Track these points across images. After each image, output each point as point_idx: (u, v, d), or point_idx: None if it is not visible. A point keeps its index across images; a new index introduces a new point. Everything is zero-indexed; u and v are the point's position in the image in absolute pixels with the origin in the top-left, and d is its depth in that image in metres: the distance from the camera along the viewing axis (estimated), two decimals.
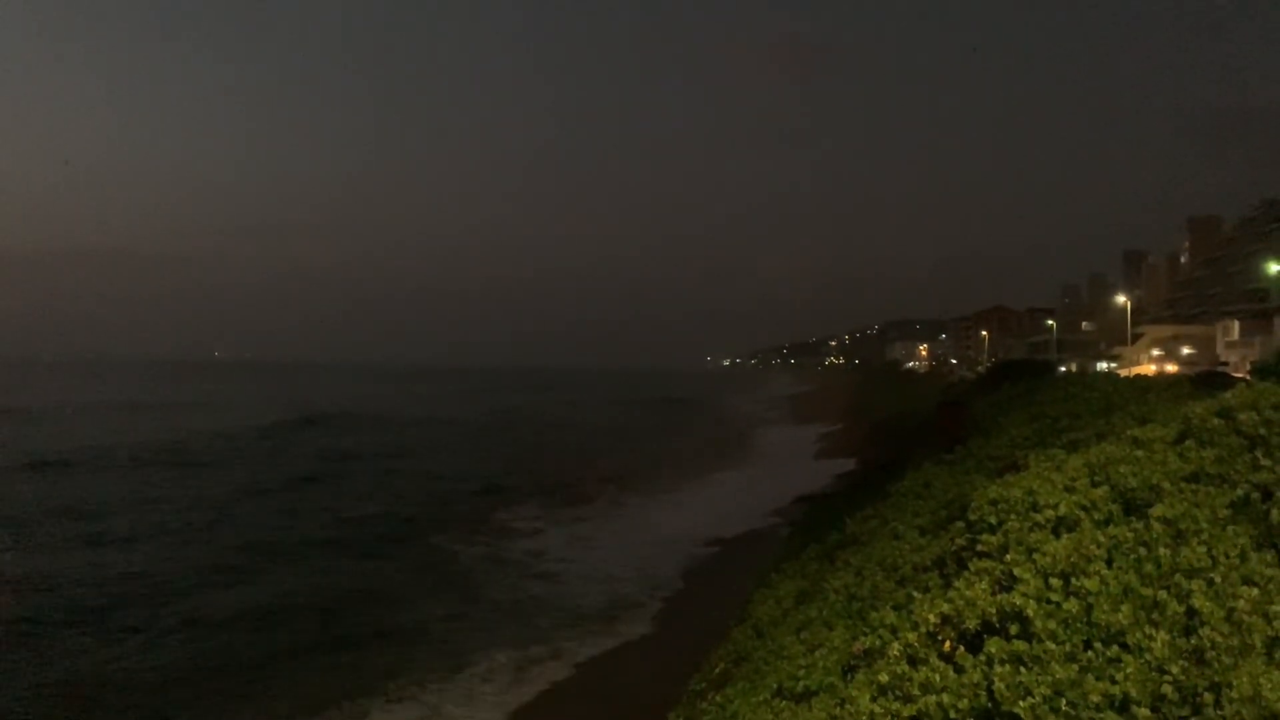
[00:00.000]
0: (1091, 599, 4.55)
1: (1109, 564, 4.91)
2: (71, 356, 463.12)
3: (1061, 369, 57.00)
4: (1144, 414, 12.97)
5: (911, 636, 5.24)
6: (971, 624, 4.96)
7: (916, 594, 6.53)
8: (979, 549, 6.08)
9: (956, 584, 5.66)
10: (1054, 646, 4.30)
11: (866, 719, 4.76)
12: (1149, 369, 69.28)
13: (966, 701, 4.29)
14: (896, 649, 5.21)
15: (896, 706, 4.65)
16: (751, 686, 8.03)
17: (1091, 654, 4.15)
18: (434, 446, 71.02)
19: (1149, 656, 3.96)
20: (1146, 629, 4.17)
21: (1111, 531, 5.28)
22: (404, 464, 58.74)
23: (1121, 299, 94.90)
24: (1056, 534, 5.61)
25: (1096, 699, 3.80)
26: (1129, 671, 3.86)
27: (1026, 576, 5.00)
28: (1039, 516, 5.94)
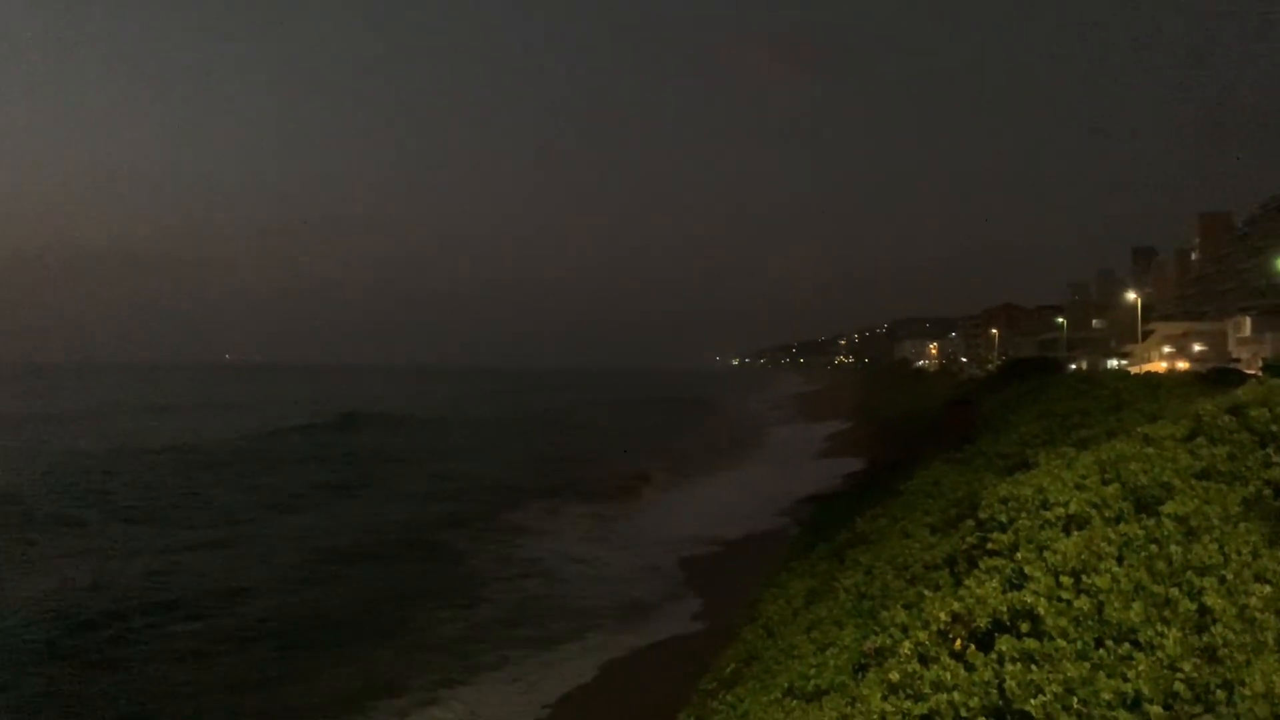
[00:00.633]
0: (1103, 596, 4.54)
1: (1120, 561, 4.90)
2: (84, 360, 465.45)
3: (1071, 367, 56.88)
4: (1154, 411, 12.93)
5: (922, 635, 5.23)
6: (982, 622, 4.95)
7: (927, 592, 6.53)
8: (989, 547, 6.07)
9: (967, 582, 5.66)
10: (1065, 644, 4.30)
11: (878, 718, 4.76)
12: (1160, 366, 69.07)
13: (978, 700, 4.29)
14: (907, 647, 5.20)
15: (908, 705, 4.65)
16: (762, 686, 8.02)
17: (1103, 652, 4.14)
18: (459, 447, 71.75)
19: (1161, 654, 3.95)
20: (1158, 626, 4.16)
21: (1123, 529, 5.27)
22: (436, 465, 59.38)
23: (1131, 296, 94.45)
24: (1067, 532, 5.60)
25: (1108, 697, 3.79)
26: (1141, 669, 3.85)
27: (1037, 574, 4.99)
28: (1049, 514, 5.93)
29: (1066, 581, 4.81)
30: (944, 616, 5.21)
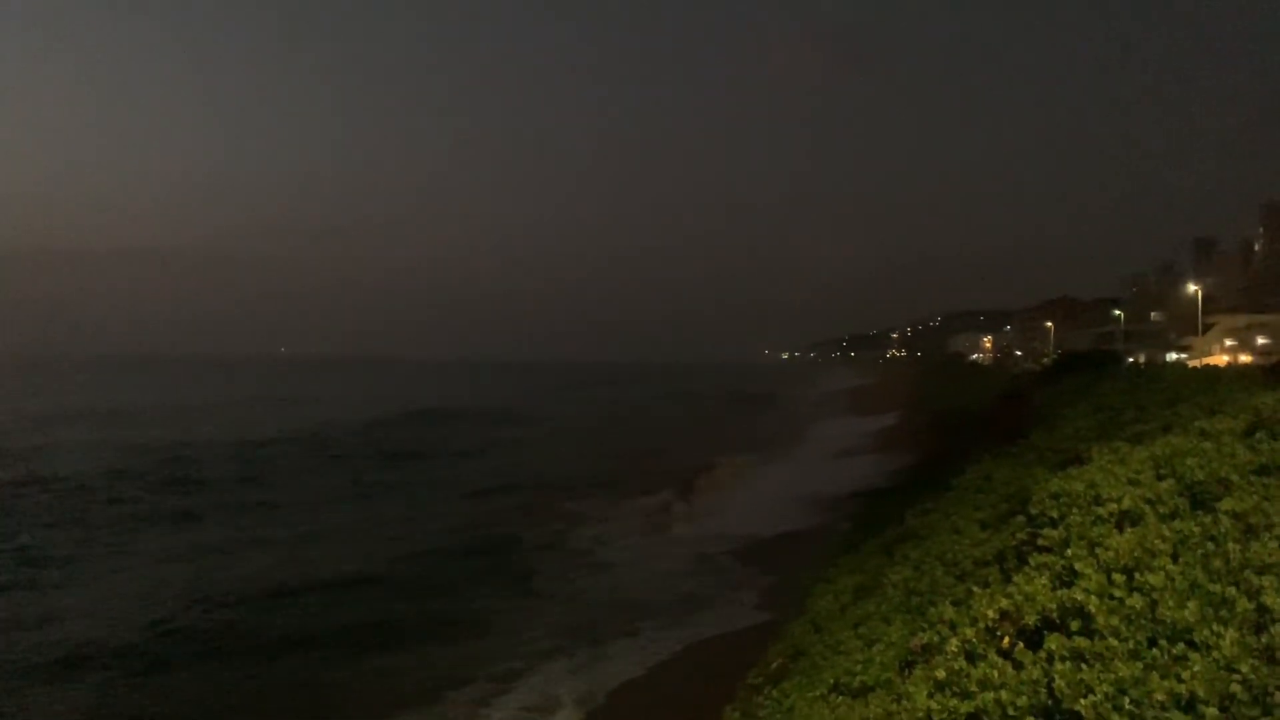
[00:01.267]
0: (1156, 595, 4.43)
1: (1175, 559, 4.78)
2: (148, 354, 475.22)
3: (1129, 360, 55.78)
4: (1212, 405, 12.62)
5: (970, 632, 5.14)
6: (1031, 620, 4.86)
7: (976, 589, 6.42)
8: (1039, 543, 5.96)
9: (1016, 579, 5.55)
10: (1117, 643, 4.19)
11: (923, 715, 4.68)
12: (1221, 359, 67.51)
13: (1026, 699, 4.20)
14: (954, 645, 5.12)
15: (954, 703, 4.57)
16: (808, 681, 7.96)
17: (1156, 651, 4.04)
18: (525, 441, 73.36)
19: (1217, 654, 3.84)
20: (1215, 626, 4.04)
21: (1177, 526, 5.14)
22: (506, 458, 61.00)
23: (1192, 288, 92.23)
24: (1120, 528, 5.48)
25: (1162, 698, 3.69)
26: (1196, 670, 3.75)
27: (1088, 571, 4.89)
28: (1101, 510, 5.81)
29: (1119, 579, 4.70)
30: (992, 614, 5.12)
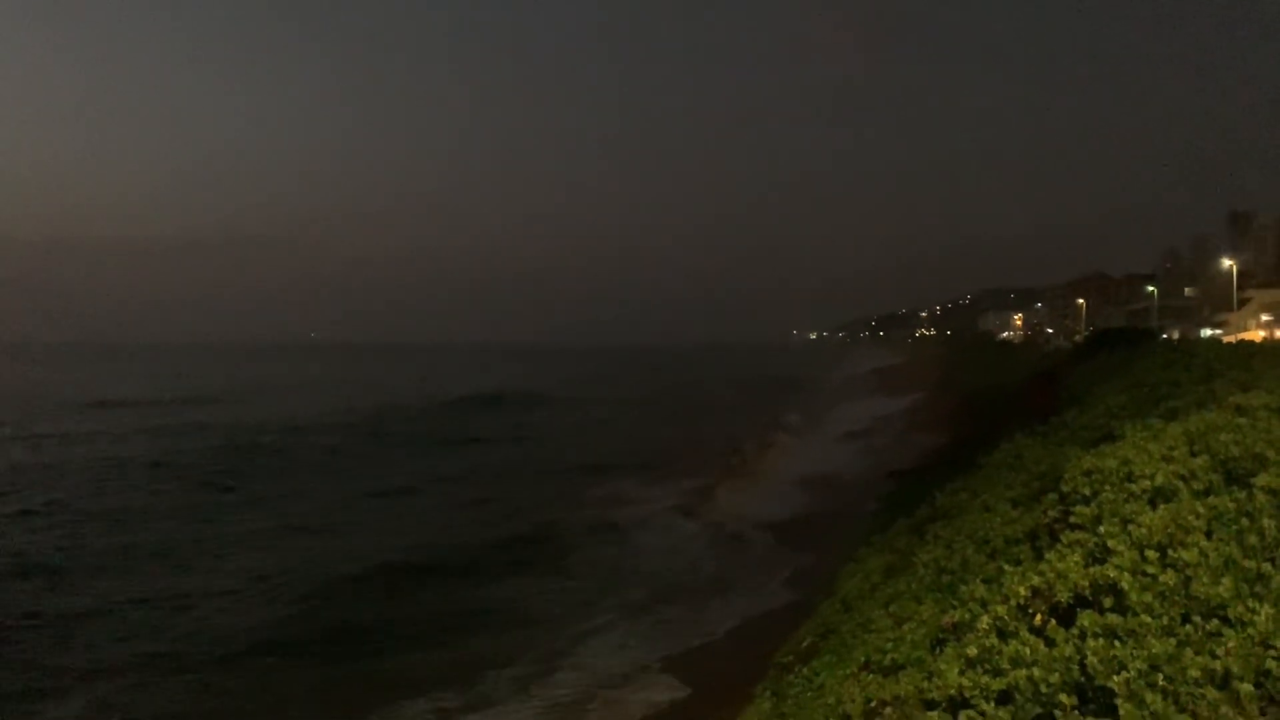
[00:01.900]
0: (1190, 571, 4.40)
1: (1209, 535, 4.74)
2: (171, 342, 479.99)
3: (1163, 336, 55.13)
4: (1248, 381, 12.46)
5: (1001, 609, 5.13)
6: (1063, 597, 4.84)
7: (1007, 567, 6.40)
8: (1072, 520, 5.93)
9: (1048, 556, 5.53)
10: (1150, 620, 4.17)
11: (955, 692, 4.68)
12: (1257, 335, 66.62)
13: (1058, 675, 4.19)
14: (986, 622, 5.11)
15: (986, 680, 4.56)
16: (838, 660, 7.97)
17: (1190, 628, 4.02)
18: (562, 426, 73.95)
19: (1252, 630, 3.81)
20: (1249, 602, 4.01)
21: (1212, 502, 5.09)
22: (556, 441, 61.67)
23: (1227, 262, 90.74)
24: (1153, 505, 5.44)
25: (1195, 674, 3.68)
26: (1230, 646, 3.73)
27: (1121, 548, 4.86)
28: (1134, 487, 5.77)
29: (1152, 556, 4.67)
30: (1024, 591, 5.11)
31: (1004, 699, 4.35)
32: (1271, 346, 23.22)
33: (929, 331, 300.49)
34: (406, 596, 24.93)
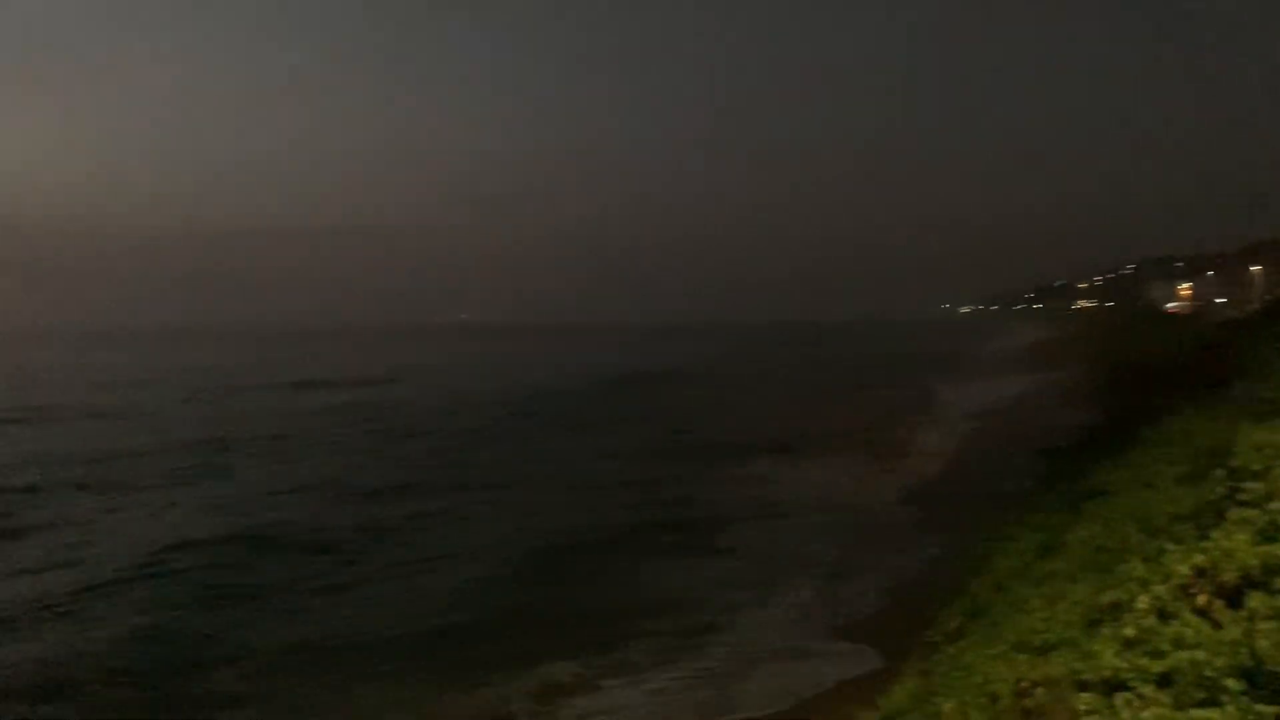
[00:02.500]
0: None
1: None
2: (340, 325, 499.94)
3: None
4: None
5: (1162, 589, 4.90)
6: (1230, 577, 4.59)
7: (1169, 545, 6.09)
8: (1241, 498, 5.60)
9: (1214, 534, 5.24)
10: None
11: (1110, 674, 4.50)
12: None
13: (1224, 659, 3.98)
14: (1145, 602, 4.89)
15: (1144, 662, 4.37)
16: (987, 639, 7.76)
17: None
18: (708, 402, 73.64)
19: None
20: None
21: None
22: (688, 420, 61.56)
23: None
24: None
25: None
26: None
27: None
28: None
29: None
30: (1187, 570, 4.86)
31: (1164, 682, 4.16)
32: None
33: (1088, 303, 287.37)
34: (558, 571, 25.52)
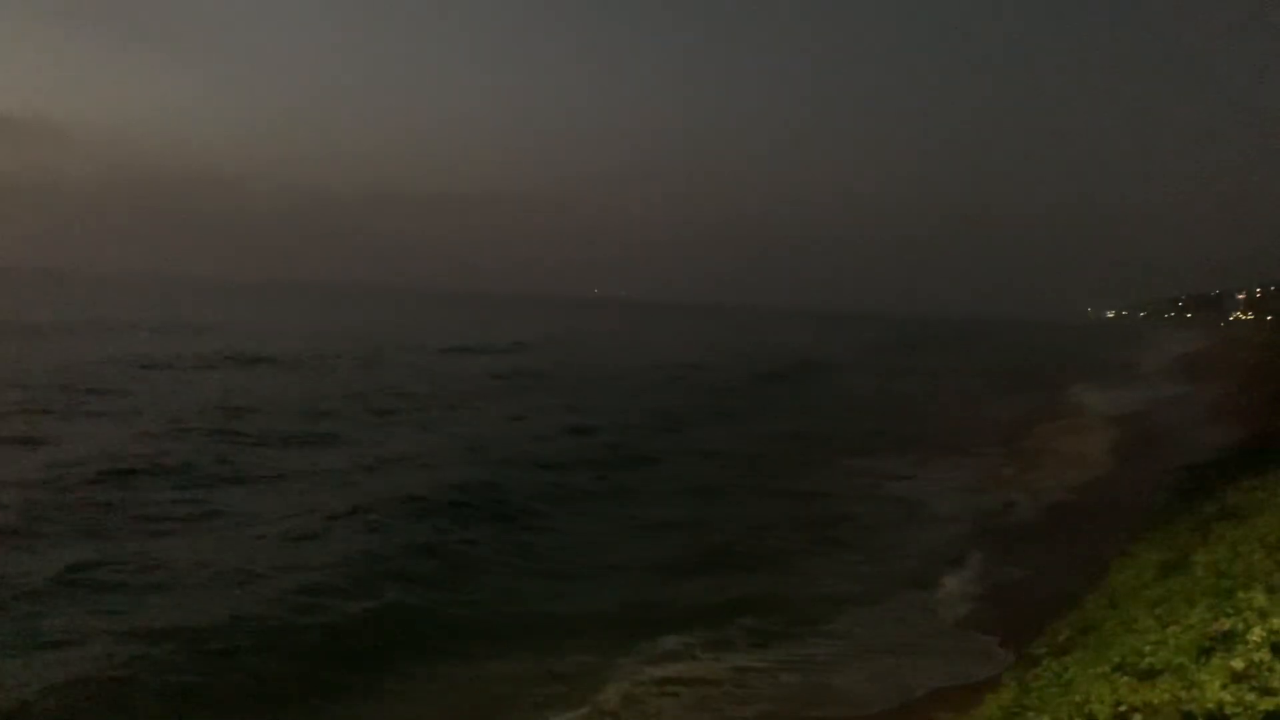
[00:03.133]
0: None
1: None
2: (477, 291, 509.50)
3: None
4: None
5: (1279, 623, 4.59)
6: None
7: None
8: None
9: None
10: None
11: (1214, 707, 4.24)
12: None
13: None
14: (1259, 634, 4.58)
15: (1251, 698, 4.10)
16: (1093, 657, 7.43)
17: None
18: (841, 396, 72.43)
19: None
20: None
21: None
22: (855, 412, 61.09)
23: None
24: None
25: None
26: None
27: None
28: None
29: None
30: None
31: None
32: None
33: (1245, 315, 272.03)
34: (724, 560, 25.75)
